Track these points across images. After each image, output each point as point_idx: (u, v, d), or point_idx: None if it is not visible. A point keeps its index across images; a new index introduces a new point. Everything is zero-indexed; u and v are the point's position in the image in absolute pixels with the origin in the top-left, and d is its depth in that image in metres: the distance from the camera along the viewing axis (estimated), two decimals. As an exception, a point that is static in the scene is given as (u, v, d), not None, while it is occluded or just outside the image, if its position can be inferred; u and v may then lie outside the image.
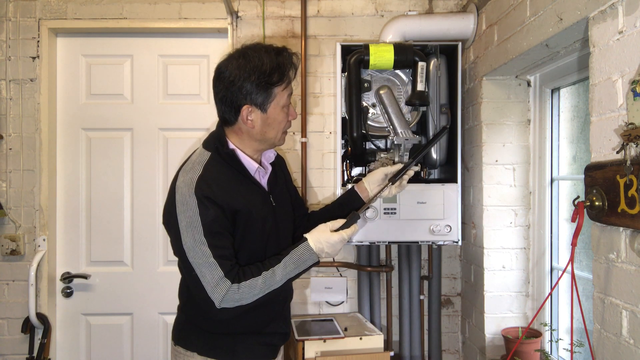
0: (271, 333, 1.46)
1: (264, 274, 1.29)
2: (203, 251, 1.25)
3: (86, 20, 2.27)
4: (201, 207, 1.26)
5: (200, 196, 1.27)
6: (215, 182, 1.31)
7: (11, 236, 2.23)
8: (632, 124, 1.03)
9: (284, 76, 1.35)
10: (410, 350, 2.22)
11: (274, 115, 1.37)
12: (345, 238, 1.37)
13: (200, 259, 1.26)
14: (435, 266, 2.24)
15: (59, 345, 2.36)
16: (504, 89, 1.98)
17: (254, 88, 1.32)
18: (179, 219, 1.28)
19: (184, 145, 2.36)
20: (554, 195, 1.91)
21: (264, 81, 1.32)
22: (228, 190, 1.32)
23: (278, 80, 1.34)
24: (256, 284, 1.28)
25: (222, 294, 1.25)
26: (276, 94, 1.35)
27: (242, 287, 1.27)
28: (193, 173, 1.32)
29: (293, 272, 1.33)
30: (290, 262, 1.33)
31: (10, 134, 2.25)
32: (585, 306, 1.61)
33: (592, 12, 1.21)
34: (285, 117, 1.40)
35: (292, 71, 1.38)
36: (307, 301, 2.30)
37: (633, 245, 1.07)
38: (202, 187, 1.28)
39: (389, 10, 2.30)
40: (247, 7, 2.29)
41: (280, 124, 1.40)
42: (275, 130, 1.40)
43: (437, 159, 2.01)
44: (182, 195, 1.29)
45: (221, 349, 1.39)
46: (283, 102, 1.37)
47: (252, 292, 1.28)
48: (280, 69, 1.34)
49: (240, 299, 1.27)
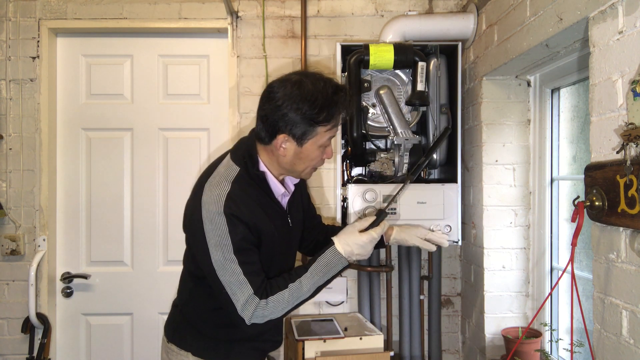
0: (265, 340, 1.48)
1: (290, 286, 1.29)
2: (233, 269, 1.25)
3: (86, 20, 2.27)
4: (230, 226, 1.25)
5: (229, 214, 1.26)
6: (242, 200, 1.29)
7: (11, 236, 2.23)
8: (632, 124, 1.03)
9: (332, 118, 1.30)
10: (410, 350, 2.22)
11: (308, 152, 1.33)
12: (375, 237, 1.35)
13: (230, 277, 1.25)
14: (435, 266, 2.24)
15: (59, 345, 2.36)
16: (504, 89, 1.98)
17: (298, 120, 1.27)
18: (208, 237, 1.26)
19: (184, 145, 2.36)
20: (554, 195, 1.91)
21: (309, 117, 1.27)
22: (254, 210, 1.31)
23: (325, 120, 1.29)
24: (283, 298, 1.28)
25: (251, 311, 1.25)
26: (318, 133, 1.30)
27: (270, 303, 1.27)
28: (220, 190, 1.29)
29: (322, 280, 1.31)
30: (317, 270, 1.31)
31: (10, 134, 2.25)
32: (585, 306, 1.61)
33: (592, 12, 1.21)
34: (319, 156, 1.36)
35: (342, 114, 1.33)
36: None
37: (633, 245, 1.07)
38: (230, 205, 1.27)
39: (389, 10, 2.30)
40: (247, 7, 2.29)
41: (312, 161, 1.36)
42: (305, 165, 1.36)
43: (437, 159, 2.01)
44: (210, 212, 1.27)
45: (215, 352, 1.41)
46: (322, 142, 1.33)
47: (280, 306, 1.28)
48: (330, 110, 1.28)
49: (270, 314, 1.28)
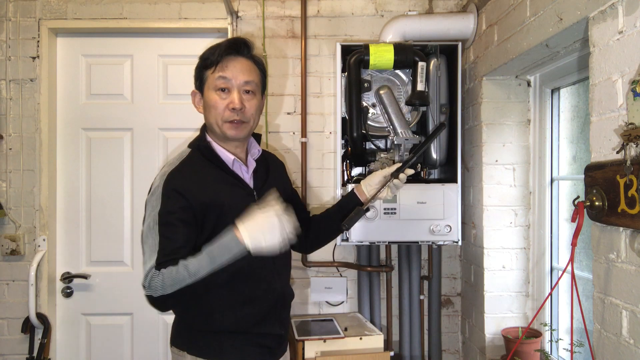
0: (262, 334, 1.42)
1: (181, 262, 1.24)
2: (153, 238, 1.28)
3: (86, 20, 2.27)
4: (164, 197, 1.30)
5: (167, 186, 1.32)
6: (188, 174, 1.36)
7: (11, 236, 2.23)
8: (632, 124, 1.03)
9: (211, 59, 1.38)
10: (410, 350, 2.23)
11: (207, 99, 1.41)
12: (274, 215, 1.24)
13: (147, 245, 1.30)
14: (435, 266, 2.24)
15: (59, 345, 2.36)
16: (504, 89, 1.98)
17: (195, 72, 1.44)
18: (147, 207, 1.35)
19: (184, 145, 2.36)
20: (554, 195, 1.91)
21: (199, 66, 1.42)
22: (199, 183, 1.35)
23: (209, 63, 1.39)
24: (171, 273, 1.23)
25: (147, 280, 1.26)
26: (207, 77, 1.40)
27: (161, 274, 1.23)
28: (169, 167, 1.38)
29: (213, 263, 1.22)
30: (211, 250, 1.24)
31: (10, 134, 2.25)
32: (585, 306, 1.61)
33: (592, 12, 1.21)
34: (218, 102, 1.38)
35: (222, 55, 1.38)
36: (307, 301, 2.30)
37: (633, 245, 1.07)
38: (171, 179, 1.33)
39: (389, 10, 2.30)
40: (247, 7, 2.29)
41: (214, 109, 1.39)
42: (213, 115, 1.40)
43: (437, 159, 2.01)
44: (154, 186, 1.36)
45: (208, 348, 1.38)
46: (213, 85, 1.38)
47: (169, 281, 1.22)
48: (213, 53, 1.38)
49: (162, 287, 1.23)
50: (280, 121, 2.29)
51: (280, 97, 2.29)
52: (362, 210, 1.41)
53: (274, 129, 2.29)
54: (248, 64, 1.42)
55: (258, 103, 1.44)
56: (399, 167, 1.55)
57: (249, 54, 1.43)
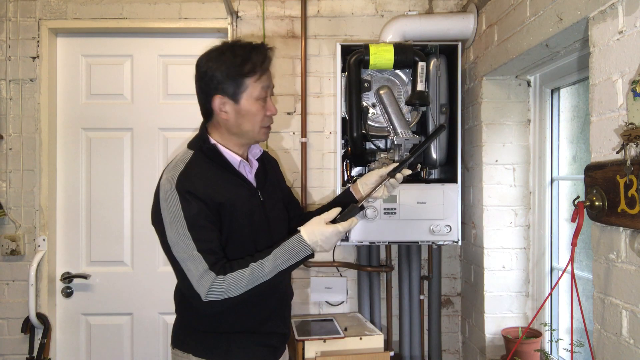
0: (268, 333, 1.44)
1: (252, 265, 1.27)
2: (187, 244, 1.25)
3: (86, 20, 2.27)
4: (183, 202, 1.27)
5: (182, 190, 1.28)
6: (197, 176, 1.32)
7: (11, 236, 2.23)
8: (632, 124, 1.03)
9: (256, 67, 1.34)
10: (410, 350, 2.23)
11: (247, 107, 1.35)
12: (341, 231, 1.33)
13: (184, 253, 1.26)
14: (435, 266, 2.24)
15: (59, 345, 2.36)
16: (504, 89, 1.98)
17: (224, 78, 1.33)
18: (164, 215, 1.29)
19: (184, 145, 2.36)
20: (554, 195, 1.91)
21: (235, 72, 1.33)
22: (210, 184, 1.32)
23: (250, 71, 1.33)
24: (243, 276, 1.26)
25: (207, 286, 1.24)
26: (248, 85, 1.34)
27: (228, 279, 1.25)
28: (175, 170, 1.33)
29: (284, 265, 1.29)
30: (280, 254, 1.29)
31: (10, 134, 2.25)
32: (585, 306, 1.61)
33: (592, 12, 1.21)
34: (260, 110, 1.37)
35: (266, 63, 1.37)
36: (307, 301, 2.30)
37: (633, 245, 1.07)
38: (183, 181, 1.30)
39: (389, 10, 2.30)
40: (247, 7, 2.29)
41: (254, 117, 1.37)
42: (251, 124, 1.37)
43: (437, 159, 2.01)
44: (165, 192, 1.30)
45: (216, 349, 1.38)
46: (257, 94, 1.35)
47: (239, 283, 1.25)
48: (253, 60, 1.34)
49: (227, 290, 1.25)
50: (280, 121, 2.29)
51: (280, 97, 2.29)
52: (357, 208, 1.40)
53: (274, 129, 2.29)
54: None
55: None
56: (396, 167, 1.54)
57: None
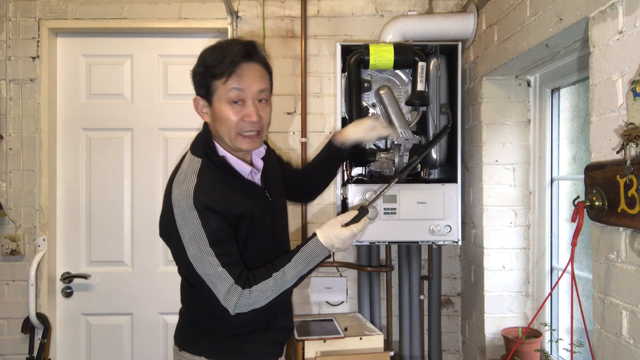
0: (278, 328, 1.45)
1: (275, 275, 1.29)
2: (211, 262, 1.24)
3: (86, 20, 2.27)
4: (203, 219, 1.24)
5: (200, 207, 1.24)
6: (212, 189, 1.28)
7: (11, 236, 2.23)
8: (632, 124, 1.03)
9: (224, 68, 1.26)
10: (410, 350, 2.22)
11: (219, 111, 1.29)
12: (356, 232, 1.34)
13: (209, 269, 1.24)
14: (435, 266, 2.24)
15: (59, 345, 2.36)
16: (504, 89, 1.98)
17: (199, 77, 1.30)
18: (182, 233, 1.25)
19: (184, 145, 2.35)
20: (554, 195, 1.91)
21: (205, 72, 1.28)
22: (226, 197, 1.29)
23: (219, 72, 1.26)
24: (267, 286, 1.28)
25: (234, 301, 1.25)
26: (216, 88, 1.28)
27: (254, 292, 1.26)
28: (188, 184, 1.27)
29: (305, 269, 1.32)
30: (300, 260, 1.31)
31: (10, 134, 2.25)
32: (585, 306, 1.61)
33: (592, 12, 1.21)
34: (233, 115, 1.28)
35: (238, 65, 1.27)
36: (307, 301, 2.30)
37: (633, 245, 1.07)
38: (200, 197, 1.25)
39: (389, 10, 2.30)
40: (247, 7, 2.29)
41: (226, 122, 1.29)
42: (225, 128, 1.30)
43: (437, 159, 2.01)
44: (181, 209, 1.25)
45: (231, 350, 1.38)
46: (226, 97, 1.28)
47: (265, 294, 1.28)
48: (223, 61, 1.26)
49: (254, 302, 1.27)
50: (280, 121, 2.29)
51: (280, 97, 2.28)
52: (365, 209, 1.40)
53: (274, 129, 2.29)
54: (260, 70, 1.32)
55: (270, 109, 1.38)
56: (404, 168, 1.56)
57: (259, 59, 1.33)
